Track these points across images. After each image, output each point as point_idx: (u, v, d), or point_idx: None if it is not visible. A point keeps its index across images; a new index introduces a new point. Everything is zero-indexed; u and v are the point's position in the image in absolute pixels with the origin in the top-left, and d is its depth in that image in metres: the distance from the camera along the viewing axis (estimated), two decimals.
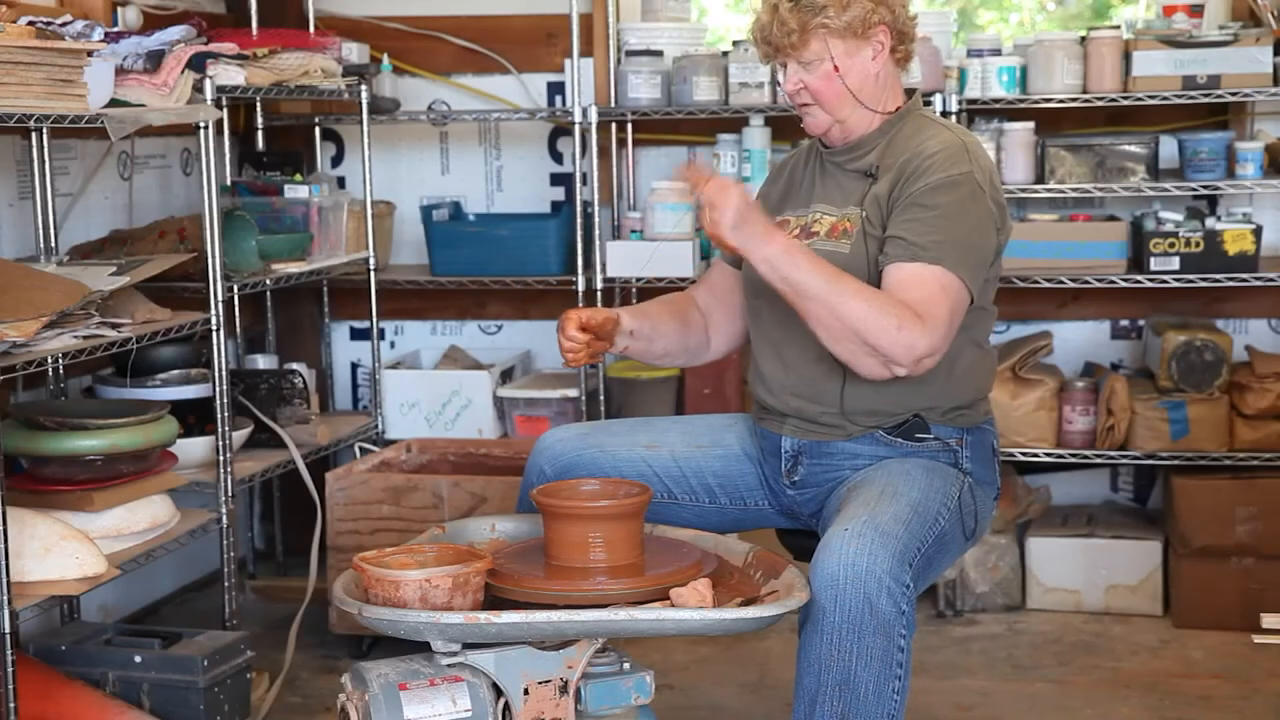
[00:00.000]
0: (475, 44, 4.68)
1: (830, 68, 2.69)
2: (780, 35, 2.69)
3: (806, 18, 2.67)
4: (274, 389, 3.96)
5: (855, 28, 2.69)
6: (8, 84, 2.84)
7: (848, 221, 2.72)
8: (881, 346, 2.53)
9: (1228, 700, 3.61)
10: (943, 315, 2.57)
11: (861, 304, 2.53)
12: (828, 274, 2.55)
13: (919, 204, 2.63)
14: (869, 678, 2.42)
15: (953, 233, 2.62)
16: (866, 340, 2.54)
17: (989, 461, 2.82)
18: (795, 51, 2.70)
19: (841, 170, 2.79)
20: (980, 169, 2.69)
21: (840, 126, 2.76)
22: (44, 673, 3.14)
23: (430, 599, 2.38)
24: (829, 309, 2.53)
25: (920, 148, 2.69)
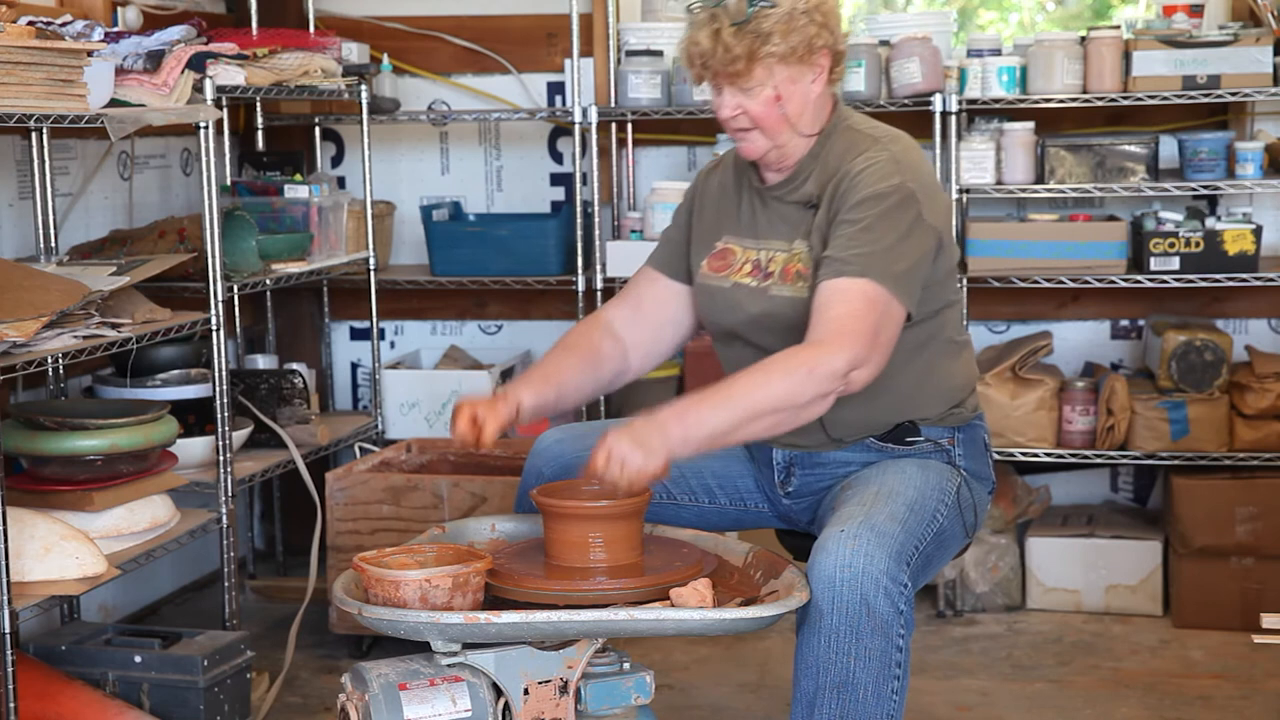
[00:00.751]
0: (475, 44, 4.68)
1: (772, 94, 2.62)
2: (724, 62, 2.59)
3: (754, 45, 2.57)
4: (274, 389, 3.96)
5: (799, 52, 2.61)
6: (8, 84, 2.84)
7: (799, 263, 2.67)
8: (810, 395, 2.49)
9: (1228, 700, 3.61)
10: (863, 328, 2.51)
11: (768, 389, 2.47)
12: (724, 397, 2.48)
13: (845, 220, 2.59)
14: (867, 679, 2.41)
15: (877, 244, 2.55)
16: (797, 404, 2.49)
17: (982, 456, 2.81)
18: (737, 79, 2.61)
19: (782, 202, 2.74)
20: (912, 176, 2.62)
21: (777, 151, 2.69)
22: (44, 673, 3.14)
23: (430, 599, 2.38)
24: (753, 419, 2.48)
25: (848, 168, 2.64)
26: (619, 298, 2.93)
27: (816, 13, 2.62)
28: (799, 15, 2.59)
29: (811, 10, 2.61)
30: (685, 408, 2.48)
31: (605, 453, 2.43)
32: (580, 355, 2.83)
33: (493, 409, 2.65)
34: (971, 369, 2.83)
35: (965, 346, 2.83)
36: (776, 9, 2.58)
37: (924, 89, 4.09)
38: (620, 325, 2.88)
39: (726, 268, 2.78)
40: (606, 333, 2.87)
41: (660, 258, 2.92)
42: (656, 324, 2.88)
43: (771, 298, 2.69)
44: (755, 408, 2.48)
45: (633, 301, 2.90)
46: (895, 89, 4.14)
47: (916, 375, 2.70)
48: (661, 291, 2.89)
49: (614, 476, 2.43)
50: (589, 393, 2.86)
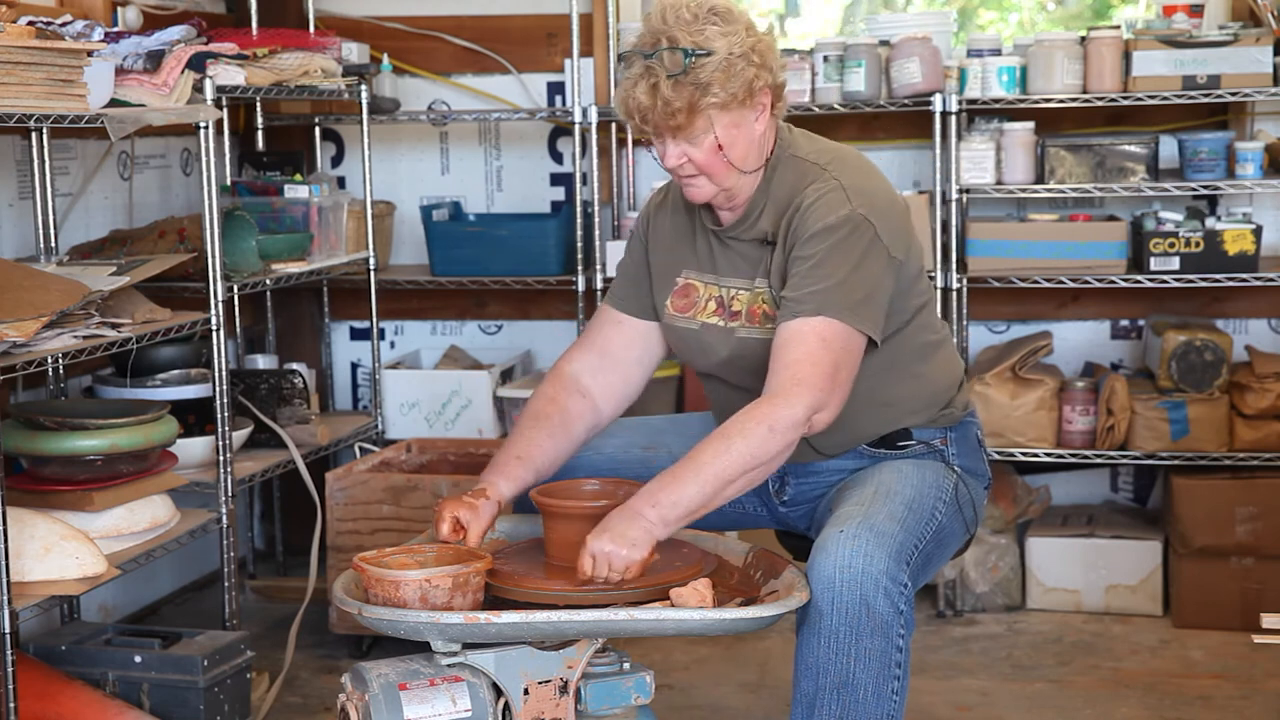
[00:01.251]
0: (475, 44, 4.68)
1: (714, 142, 2.56)
2: (664, 116, 2.53)
3: (694, 96, 2.51)
4: (274, 389, 3.96)
5: (739, 97, 2.55)
6: (8, 84, 2.84)
7: (764, 304, 2.65)
8: (774, 450, 2.48)
9: (1227, 700, 3.61)
10: (819, 372, 2.49)
11: (731, 455, 2.45)
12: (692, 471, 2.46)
13: (799, 257, 2.57)
14: (867, 679, 2.41)
15: (830, 279, 2.53)
16: (763, 461, 2.48)
17: (976, 453, 2.81)
18: (678, 132, 2.55)
19: (739, 240, 2.71)
20: (863, 199, 2.59)
21: (725, 193, 2.65)
22: (44, 673, 3.14)
23: (430, 599, 2.38)
24: (725, 485, 2.47)
25: (798, 201, 2.60)
26: (581, 345, 2.87)
27: (753, 54, 2.57)
28: (736, 60, 2.54)
29: (748, 53, 2.56)
30: (656, 490, 2.47)
31: (590, 558, 2.43)
32: (550, 425, 2.77)
33: (475, 512, 2.62)
34: (953, 364, 2.81)
35: (943, 343, 2.80)
36: (713, 56, 2.52)
37: (924, 89, 4.09)
38: (587, 376, 2.83)
39: (691, 307, 2.75)
40: (573, 390, 2.81)
41: (619, 296, 2.87)
42: (624, 367, 2.84)
43: (741, 340, 2.68)
44: (723, 475, 2.46)
45: (598, 348, 2.85)
46: (895, 89, 4.14)
47: (899, 387, 2.70)
48: (627, 333, 2.84)
49: (605, 575, 2.43)
50: (565, 458, 2.80)
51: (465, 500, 2.64)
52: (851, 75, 4.14)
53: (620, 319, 2.85)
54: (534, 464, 2.73)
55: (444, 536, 2.61)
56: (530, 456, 2.73)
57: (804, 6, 6.67)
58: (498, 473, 2.71)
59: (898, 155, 4.48)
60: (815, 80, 4.18)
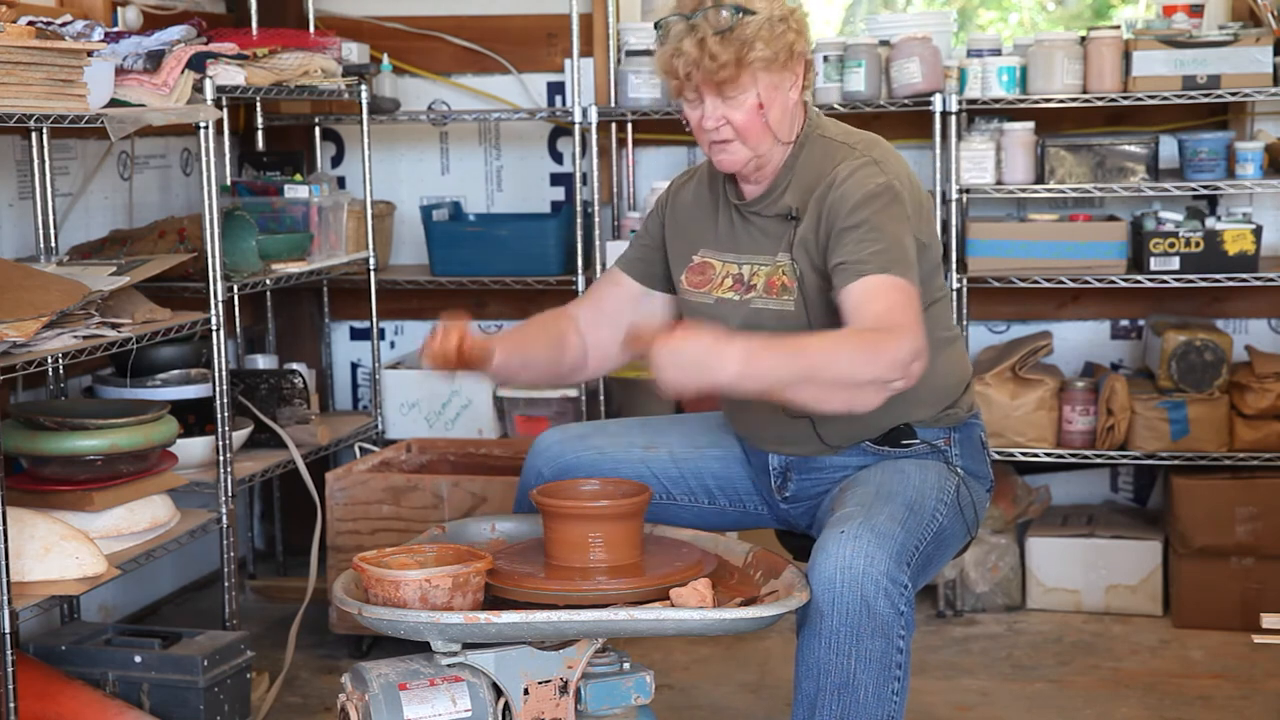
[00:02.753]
0: (475, 44, 4.68)
1: (755, 102, 2.61)
2: (711, 70, 2.56)
3: (742, 51, 2.56)
4: (274, 389, 3.96)
5: (781, 59, 2.61)
6: (8, 84, 2.84)
7: (784, 275, 2.67)
8: (869, 376, 2.44)
9: (1228, 700, 3.61)
10: (910, 317, 2.50)
11: (836, 356, 2.42)
12: (792, 351, 2.42)
13: (847, 227, 2.57)
14: (868, 680, 2.41)
15: (885, 239, 2.55)
16: (855, 380, 2.44)
17: (979, 455, 2.81)
18: (724, 87, 2.60)
19: (761, 216, 2.72)
20: (894, 173, 2.63)
21: (757, 161, 2.67)
22: (44, 673, 3.14)
23: (430, 599, 2.38)
24: (809, 381, 2.43)
25: (832, 176, 2.63)
26: (583, 297, 2.94)
27: (793, 19, 2.63)
28: (777, 22, 2.60)
29: (788, 17, 2.62)
30: (754, 349, 2.40)
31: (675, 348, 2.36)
32: (550, 339, 2.83)
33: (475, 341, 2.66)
34: (962, 364, 2.82)
35: (954, 341, 2.82)
36: (756, 15, 2.58)
37: (924, 89, 4.09)
38: (584, 323, 2.87)
39: (707, 283, 2.77)
40: (572, 327, 2.87)
41: (627, 259, 2.91)
42: (617, 326, 2.85)
43: (755, 310, 2.69)
44: (817, 371, 2.42)
45: (594, 301, 2.91)
46: (895, 89, 4.14)
47: None
48: (623, 293, 2.88)
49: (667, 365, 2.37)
50: (548, 376, 2.87)
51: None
52: (851, 75, 4.14)
53: (621, 279, 2.90)
54: (525, 357, 2.78)
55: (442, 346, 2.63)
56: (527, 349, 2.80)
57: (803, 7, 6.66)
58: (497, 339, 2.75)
59: None
60: (815, 80, 4.18)
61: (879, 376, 2.43)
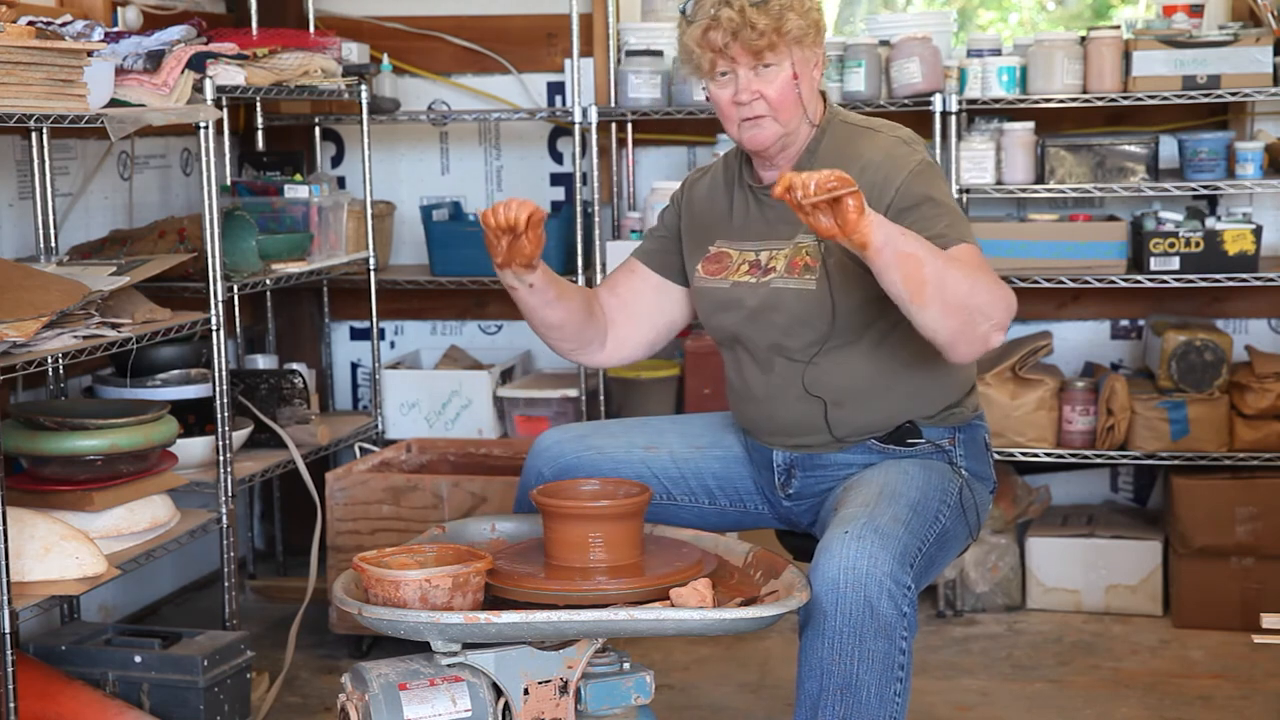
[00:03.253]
0: (475, 44, 4.68)
1: (790, 74, 2.64)
2: (751, 38, 2.59)
3: (779, 20, 2.60)
4: (274, 389, 3.96)
5: (811, 34, 2.65)
6: (8, 84, 2.84)
7: (806, 255, 2.68)
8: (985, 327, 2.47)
9: (1228, 700, 3.61)
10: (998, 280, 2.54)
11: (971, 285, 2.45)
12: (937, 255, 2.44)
13: (906, 207, 2.59)
14: (871, 681, 2.41)
15: (949, 212, 2.61)
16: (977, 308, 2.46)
17: (983, 456, 2.81)
18: (761, 56, 2.62)
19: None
20: (926, 147, 2.72)
21: (784, 139, 2.69)
22: (44, 673, 3.14)
23: (430, 599, 2.38)
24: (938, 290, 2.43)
25: (869, 158, 2.65)
26: (600, 285, 2.95)
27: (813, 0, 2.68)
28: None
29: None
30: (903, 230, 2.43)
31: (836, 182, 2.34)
32: (584, 300, 2.83)
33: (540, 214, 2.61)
34: (969, 365, 2.83)
35: None
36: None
37: (924, 89, 4.09)
38: (607, 308, 2.90)
39: (723, 270, 2.78)
40: (600, 305, 2.89)
41: (643, 251, 2.93)
42: (633, 314, 2.89)
43: (774, 290, 2.69)
44: (947, 286, 2.43)
45: (610, 286, 2.93)
46: (895, 89, 4.14)
47: (917, 371, 2.70)
48: (640, 283, 2.90)
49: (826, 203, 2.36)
50: (573, 324, 2.80)
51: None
52: (851, 75, 4.14)
53: (636, 268, 2.92)
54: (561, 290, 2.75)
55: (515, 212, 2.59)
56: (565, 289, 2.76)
57: None
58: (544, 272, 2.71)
59: None
60: None
61: (994, 316, 2.47)
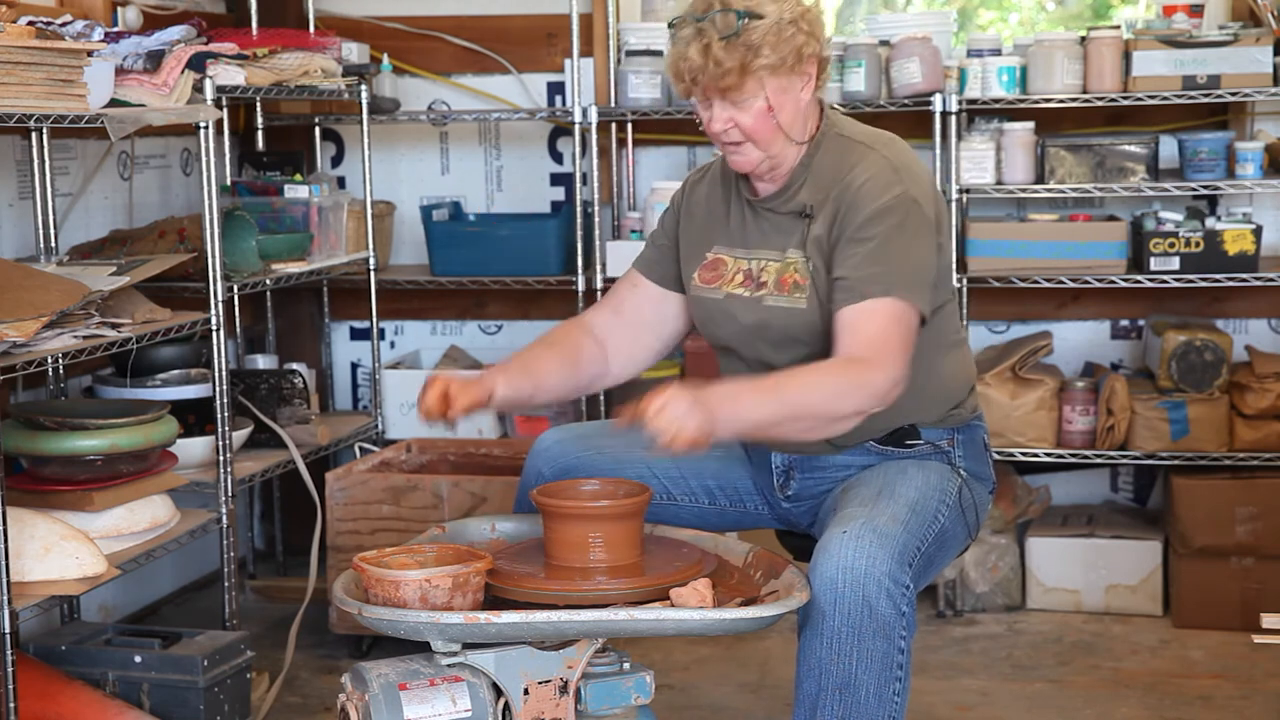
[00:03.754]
0: (475, 44, 4.68)
1: (764, 106, 2.59)
2: (715, 76, 2.55)
3: (746, 58, 2.54)
4: (274, 389, 3.96)
5: (789, 62, 2.59)
6: (8, 84, 2.84)
7: (795, 273, 2.66)
8: (850, 408, 2.51)
9: (1228, 700, 3.61)
10: (895, 346, 2.53)
11: (818, 392, 2.48)
12: (773, 391, 2.48)
13: (856, 239, 2.58)
14: (870, 680, 2.41)
15: (893, 260, 2.56)
16: (836, 414, 2.51)
17: (982, 457, 2.81)
18: (729, 93, 2.59)
19: (775, 213, 2.72)
20: (914, 181, 2.63)
21: (770, 161, 2.67)
22: (44, 673, 3.14)
23: (430, 599, 2.38)
24: (794, 419, 2.49)
25: (849, 179, 2.62)
26: (601, 302, 2.93)
27: (803, 21, 2.60)
28: (786, 25, 2.57)
29: (798, 19, 2.59)
30: (736, 393, 2.46)
31: (662, 402, 2.38)
32: (561, 353, 2.82)
33: (465, 388, 2.64)
34: (969, 367, 2.83)
35: (961, 345, 2.82)
36: (764, 20, 2.56)
37: (924, 89, 4.09)
38: (601, 329, 2.87)
39: (718, 279, 2.77)
40: (588, 334, 2.86)
41: (645, 261, 2.91)
42: (636, 329, 2.87)
43: (766, 308, 2.69)
44: (799, 408, 2.48)
45: (614, 305, 2.90)
46: (895, 89, 4.14)
47: (917, 378, 2.69)
48: (642, 296, 2.88)
49: (661, 428, 2.38)
50: (566, 391, 2.84)
51: (457, 378, 2.62)
52: (851, 75, 4.14)
53: (638, 281, 2.89)
54: (536, 378, 2.75)
55: (428, 405, 2.63)
56: (535, 371, 2.76)
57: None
58: (499, 371, 2.73)
59: None
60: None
61: (859, 408, 2.51)
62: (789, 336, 2.66)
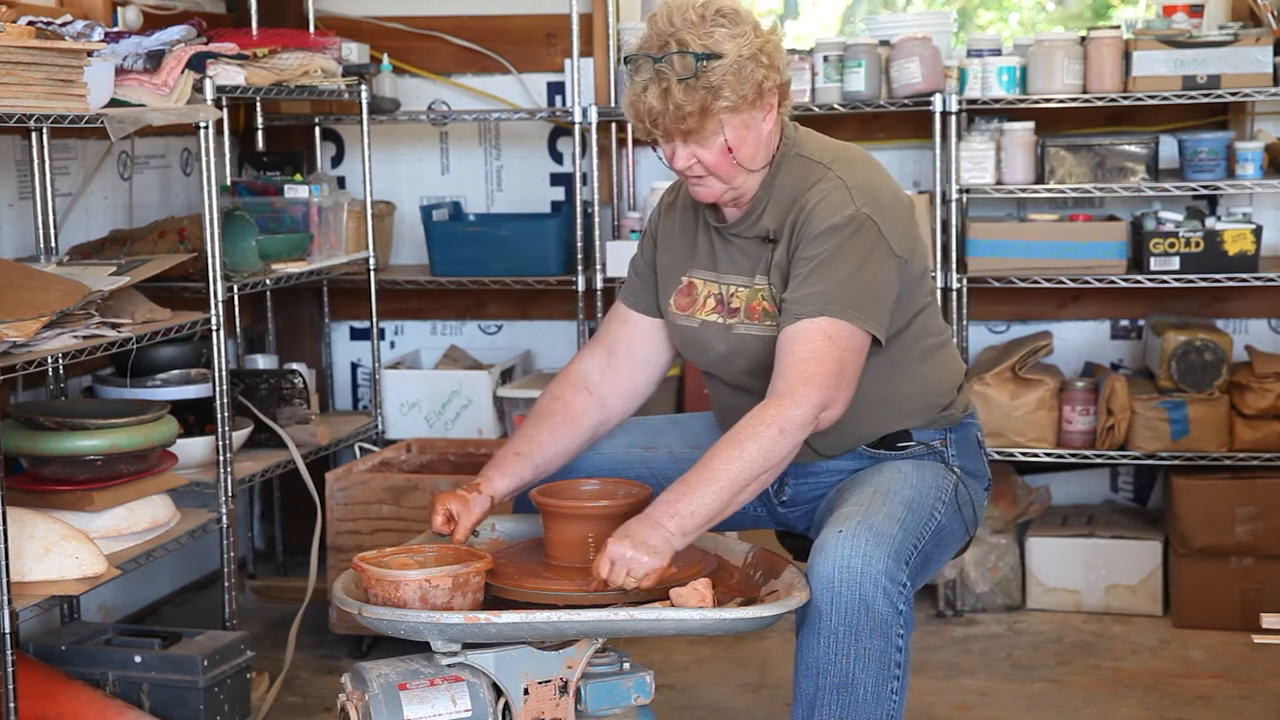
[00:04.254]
0: (475, 44, 4.68)
1: (724, 144, 2.55)
2: (675, 119, 2.52)
3: (706, 100, 2.51)
4: (274, 389, 3.96)
5: (750, 99, 2.56)
6: (8, 84, 2.84)
7: (764, 300, 2.65)
8: (785, 451, 2.49)
9: (1228, 700, 3.61)
10: (825, 369, 2.50)
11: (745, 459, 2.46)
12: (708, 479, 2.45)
13: (802, 258, 2.57)
14: (867, 679, 2.42)
15: (832, 279, 2.53)
16: (774, 463, 2.49)
17: (976, 454, 2.80)
18: (689, 136, 2.55)
19: (740, 238, 2.70)
20: (869, 199, 2.58)
21: (733, 192, 2.65)
22: (44, 673, 3.14)
23: (430, 599, 2.38)
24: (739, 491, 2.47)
25: (803, 202, 2.60)
26: (591, 344, 2.89)
27: (762, 55, 2.56)
28: (745, 62, 2.54)
29: (756, 54, 2.55)
30: (674, 500, 2.45)
31: (608, 561, 2.40)
32: (552, 422, 2.79)
33: (466, 506, 2.66)
34: (954, 366, 2.81)
35: (944, 345, 2.80)
36: (723, 60, 2.52)
37: (924, 89, 4.09)
38: (595, 374, 2.84)
39: (691, 304, 2.75)
40: (579, 387, 2.83)
41: (629, 292, 2.88)
42: (631, 366, 2.85)
43: (739, 336, 2.68)
44: (738, 480, 2.46)
45: (606, 346, 2.86)
46: (895, 89, 4.14)
47: (899, 387, 2.70)
48: (633, 331, 2.85)
49: (621, 581, 2.40)
50: (569, 454, 2.81)
51: (458, 494, 2.67)
52: (851, 75, 4.14)
53: (628, 316, 2.86)
54: (533, 459, 2.75)
55: (437, 529, 2.65)
56: (529, 453, 2.75)
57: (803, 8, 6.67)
58: (495, 468, 2.74)
59: (898, 155, 4.48)
60: (815, 80, 4.18)
61: (792, 445, 2.50)
62: (761, 364, 2.64)
